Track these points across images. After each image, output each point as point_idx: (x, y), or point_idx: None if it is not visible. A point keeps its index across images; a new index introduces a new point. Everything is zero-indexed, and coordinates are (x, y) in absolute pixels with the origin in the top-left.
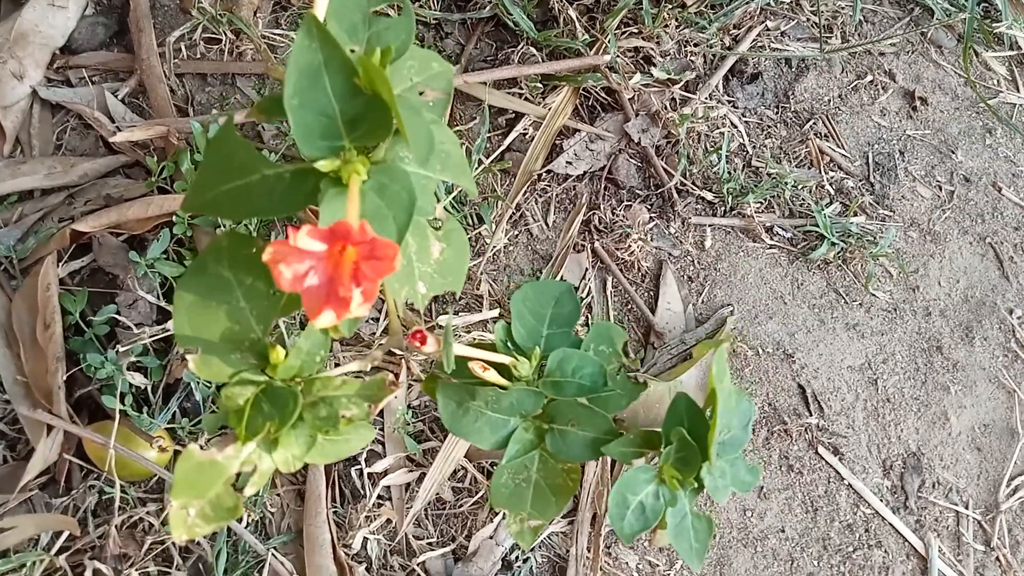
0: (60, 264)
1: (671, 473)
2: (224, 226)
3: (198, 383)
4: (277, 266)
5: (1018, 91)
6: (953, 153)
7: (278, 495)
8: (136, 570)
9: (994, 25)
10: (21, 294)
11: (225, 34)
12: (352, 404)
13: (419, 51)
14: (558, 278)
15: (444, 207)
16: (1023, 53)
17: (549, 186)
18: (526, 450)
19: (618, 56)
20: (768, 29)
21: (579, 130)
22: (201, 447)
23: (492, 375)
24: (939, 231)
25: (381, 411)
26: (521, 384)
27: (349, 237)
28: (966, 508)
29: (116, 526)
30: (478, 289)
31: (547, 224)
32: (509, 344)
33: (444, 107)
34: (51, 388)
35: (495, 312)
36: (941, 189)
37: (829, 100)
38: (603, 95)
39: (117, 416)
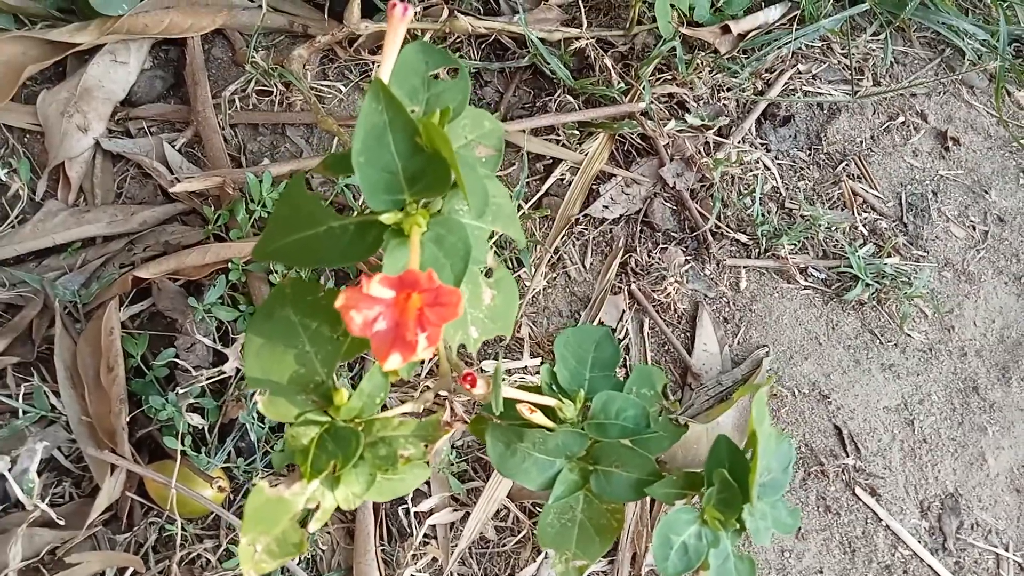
0: (121, 309)
1: (713, 514)
2: (276, 272)
3: (252, 424)
4: (349, 312)
5: None
6: (987, 193)
7: (328, 533)
8: None
9: None
10: (85, 338)
11: (276, 86)
12: (410, 444)
13: (472, 110)
14: (596, 320)
15: (495, 256)
16: None
17: (586, 230)
18: (571, 491)
19: (653, 102)
20: (800, 72)
21: (615, 175)
22: (270, 484)
23: (539, 417)
24: (973, 271)
25: None
26: (566, 426)
27: (417, 285)
28: (1006, 550)
29: (177, 562)
30: (519, 332)
31: (585, 267)
32: (554, 387)
33: (496, 163)
34: (115, 428)
35: (537, 359)
36: (975, 229)
37: (861, 141)
38: (638, 140)
39: (178, 456)
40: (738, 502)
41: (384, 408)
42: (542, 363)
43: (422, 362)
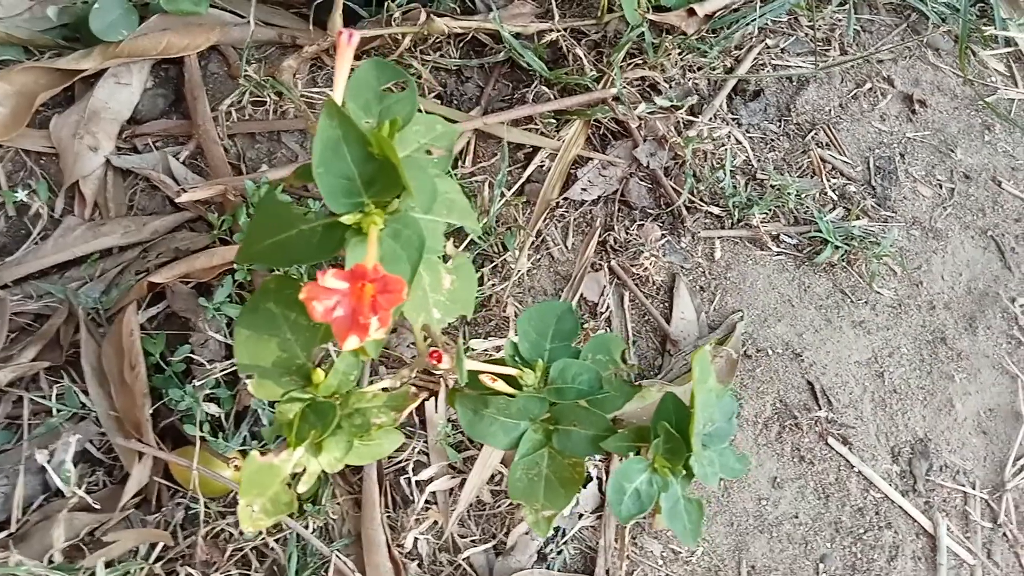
0: (140, 312)
1: (661, 463)
2: (276, 271)
3: (264, 409)
4: (311, 302)
5: (1016, 86)
6: (953, 152)
7: (338, 504)
8: (221, 573)
9: (989, 25)
10: (108, 340)
11: (269, 96)
12: (381, 413)
13: (424, 117)
14: (577, 296)
15: (452, 236)
16: (1020, 49)
17: (567, 212)
18: (535, 448)
19: (625, 87)
20: (768, 47)
21: (592, 159)
22: (261, 453)
23: (501, 385)
24: (941, 228)
25: (425, 424)
26: (528, 391)
27: (365, 275)
28: (973, 488)
29: (202, 536)
30: (505, 312)
31: (566, 247)
32: (516, 358)
33: (447, 162)
34: (140, 420)
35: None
36: (942, 187)
37: (830, 110)
38: (613, 124)
39: (198, 442)
40: (682, 451)
41: (386, 390)
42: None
43: (411, 344)
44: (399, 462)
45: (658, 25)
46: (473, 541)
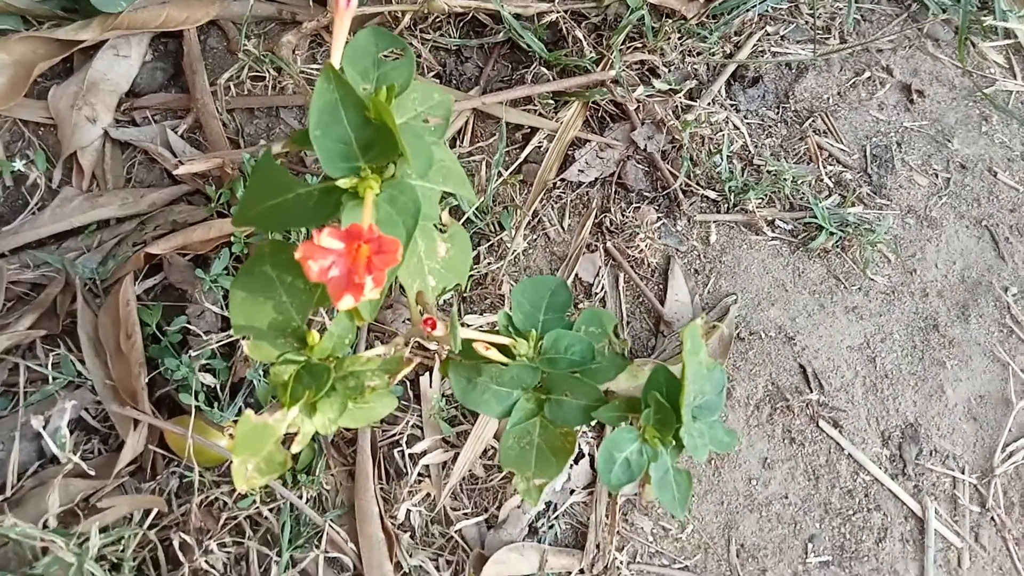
0: (136, 283)
1: (652, 433)
2: (271, 236)
3: (259, 381)
4: (307, 261)
5: (1015, 78)
6: (949, 142)
7: (332, 475)
8: (214, 541)
9: (989, 16)
10: (105, 310)
11: (268, 72)
12: (375, 376)
13: (422, 85)
14: (572, 276)
15: (449, 214)
16: (1019, 41)
17: (563, 193)
18: (527, 417)
19: (624, 70)
20: (768, 34)
21: (589, 140)
22: (255, 413)
23: (494, 354)
24: (936, 216)
25: (419, 398)
26: (521, 361)
27: (361, 236)
28: (962, 473)
29: (196, 504)
30: (500, 290)
31: (562, 228)
32: (510, 328)
33: (443, 131)
34: (135, 389)
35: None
36: (938, 176)
37: (828, 98)
38: (611, 107)
39: (193, 411)
40: (672, 421)
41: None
42: None
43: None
44: (393, 435)
45: (658, 9)
46: (465, 514)
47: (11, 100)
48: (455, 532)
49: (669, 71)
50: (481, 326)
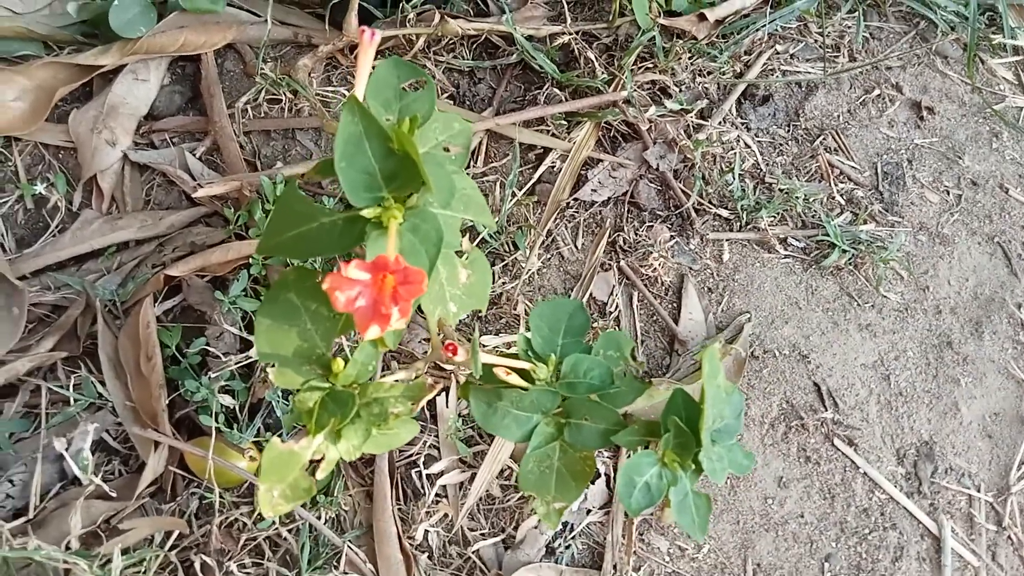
0: (156, 304)
1: (671, 457)
2: (292, 265)
3: (278, 402)
4: (334, 292)
5: None
6: (960, 159)
7: (350, 496)
8: (234, 562)
9: (997, 34)
10: (125, 332)
11: (284, 94)
12: (399, 403)
13: (443, 114)
14: (587, 295)
15: (469, 240)
16: None
17: (577, 212)
18: (547, 441)
19: (635, 90)
20: (777, 53)
21: (602, 160)
22: (281, 440)
23: (515, 379)
24: (948, 233)
25: (435, 419)
26: (541, 385)
27: (387, 267)
28: (978, 491)
29: (216, 525)
30: (515, 310)
31: (576, 247)
32: (529, 353)
33: (464, 159)
34: (156, 411)
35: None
36: (949, 193)
37: (839, 116)
38: (623, 127)
39: (213, 433)
40: (692, 445)
41: (385, 378)
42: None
43: (429, 339)
44: (410, 456)
45: (669, 29)
46: (483, 534)
47: (32, 124)
48: (472, 553)
49: (680, 91)
50: (497, 346)
